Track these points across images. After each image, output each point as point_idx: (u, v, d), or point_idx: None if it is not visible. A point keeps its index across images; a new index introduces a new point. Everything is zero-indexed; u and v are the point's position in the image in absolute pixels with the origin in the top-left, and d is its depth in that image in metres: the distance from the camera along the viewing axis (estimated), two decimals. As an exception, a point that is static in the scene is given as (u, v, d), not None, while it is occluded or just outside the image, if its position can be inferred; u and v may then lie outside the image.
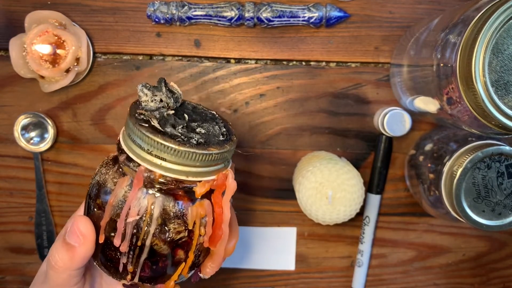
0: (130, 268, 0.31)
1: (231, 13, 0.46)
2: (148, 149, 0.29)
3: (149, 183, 0.30)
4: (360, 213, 0.50)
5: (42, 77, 0.47)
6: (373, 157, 0.51)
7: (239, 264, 0.52)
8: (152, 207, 0.30)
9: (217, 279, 0.53)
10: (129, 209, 0.30)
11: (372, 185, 0.51)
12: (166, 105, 0.31)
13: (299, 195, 0.47)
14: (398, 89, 0.47)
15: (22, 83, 0.49)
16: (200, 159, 0.30)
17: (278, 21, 0.47)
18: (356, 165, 0.50)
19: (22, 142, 0.49)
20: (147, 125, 0.29)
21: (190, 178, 0.30)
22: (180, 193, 0.31)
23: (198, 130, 0.31)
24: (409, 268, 0.54)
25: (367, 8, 0.48)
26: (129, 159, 0.30)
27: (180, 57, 0.49)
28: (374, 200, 0.51)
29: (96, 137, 0.50)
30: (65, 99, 0.50)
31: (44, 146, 0.49)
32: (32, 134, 0.50)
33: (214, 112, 0.34)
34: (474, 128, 0.35)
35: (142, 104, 0.30)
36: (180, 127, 0.30)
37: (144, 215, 0.30)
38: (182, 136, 0.30)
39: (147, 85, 0.31)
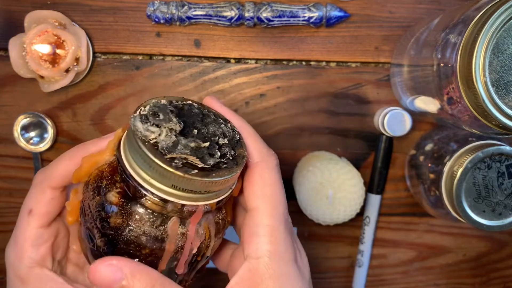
0: (187, 278, 0.32)
1: (231, 13, 0.46)
2: (206, 191, 0.28)
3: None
4: (360, 213, 0.50)
5: (42, 77, 0.46)
6: (373, 157, 0.50)
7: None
8: (210, 228, 0.30)
9: (216, 279, 0.53)
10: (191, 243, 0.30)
11: (373, 185, 0.51)
12: (175, 131, 0.28)
13: (299, 195, 0.47)
14: (398, 89, 0.47)
15: (21, 83, 0.49)
16: (233, 175, 0.29)
17: (278, 21, 0.47)
18: (356, 165, 0.50)
19: (22, 142, 0.49)
20: (195, 171, 0.27)
21: (230, 191, 0.30)
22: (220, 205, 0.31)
23: (221, 145, 0.30)
24: (410, 269, 0.54)
25: (367, 8, 0.48)
26: (164, 200, 0.28)
27: (180, 57, 0.49)
28: (374, 200, 0.51)
29: (96, 137, 0.50)
30: (65, 99, 0.50)
31: (43, 146, 0.49)
32: (32, 134, 0.50)
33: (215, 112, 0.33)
34: (475, 128, 0.35)
35: (150, 141, 0.27)
36: (215, 155, 0.28)
37: (205, 239, 0.30)
38: (223, 163, 0.29)
39: (148, 117, 0.28)
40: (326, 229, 0.52)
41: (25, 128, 0.49)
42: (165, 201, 0.28)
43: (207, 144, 0.28)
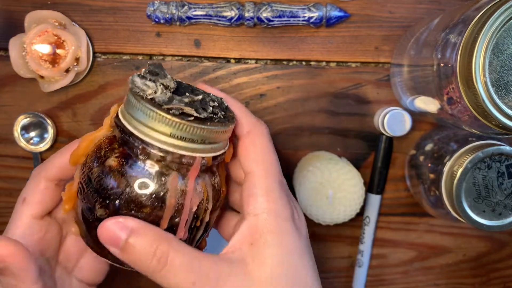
0: None
1: (231, 13, 0.46)
2: (202, 140, 0.30)
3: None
4: (360, 213, 0.50)
5: (42, 77, 0.47)
6: (373, 157, 0.50)
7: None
8: (207, 189, 0.32)
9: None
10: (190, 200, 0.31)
11: (372, 185, 0.51)
12: (170, 89, 0.30)
13: (299, 195, 0.47)
14: (398, 89, 0.47)
15: (21, 83, 0.49)
16: (227, 129, 0.31)
17: (278, 21, 0.47)
18: (356, 165, 0.50)
19: (22, 142, 0.49)
20: (191, 118, 0.29)
21: (223, 150, 0.32)
22: (214, 167, 0.32)
23: (212, 106, 0.31)
24: (410, 269, 0.54)
25: (367, 8, 0.48)
26: (162, 152, 0.30)
27: (180, 57, 0.49)
28: (374, 200, 0.51)
29: (96, 137, 0.50)
30: (65, 99, 0.50)
31: (44, 146, 0.49)
32: (32, 134, 0.50)
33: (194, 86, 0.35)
34: (475, 128, 0.35)
35: (147, 96, 0.29)
36: (208, 109, 0.30)
37: (202, 199, 0.31)
38: (215, 118, 0.30)
39: (144, 75, 0.30)
40: (326, 229, 0.52)
41: (25, 128, 0.49)
42: (165, 152, 0.29)
43: (200, 97, 0.30)
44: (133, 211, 0.30)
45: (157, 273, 0.28)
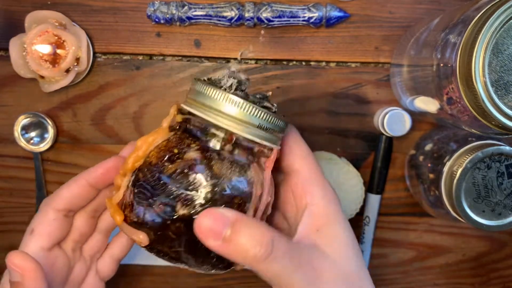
0: None
1: (231, 13, 0.46)
2: (280, 131, 0.32)
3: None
4: (360, 213, 0.50)
5: (42, 77, 0.47)
6: (373, 157, 0.51)
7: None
8: (272, 180, 0.33)
9: (216, 278, 0.53)
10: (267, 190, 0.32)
11: (372, 185, 0.51)
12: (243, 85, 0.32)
13: (299, 195, 0.47)
14: (398, 89, 0.47)
15: (22, 83, 0.49)
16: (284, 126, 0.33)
17: (278, 21, 0.47)
18: (356, 165, 0.50)
19: (22, 142, 0.49)
20: (272, 110, 0.32)
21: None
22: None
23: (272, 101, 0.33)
24: (409, 268, 0.54)
25: (367, 8, 0.48)
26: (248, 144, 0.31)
27: (180, 57, 0.49)
28: (374, 200, 0.51)
29: (96, 137, 0.50)
30: (65, 99, 0.50)
31: (44, 146, 0.49)
32: (32, 134, 0.50)
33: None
34: (474, 128, 0.35)
35: (232, 90, 0.31)
36: (273, 103, 0.33)
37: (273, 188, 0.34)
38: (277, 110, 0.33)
39: (224, 80, 0.32)
40: (326, 229, 0.52)
41: (26, 128, 0.49)
42: (253, 143, 0.31)
43: (270, 93, 0.33)
44: (222, 203, 0.30)
45: (261, 262, 0.29)
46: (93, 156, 0.50)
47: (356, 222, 0.51)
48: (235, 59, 0.49)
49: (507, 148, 0.39)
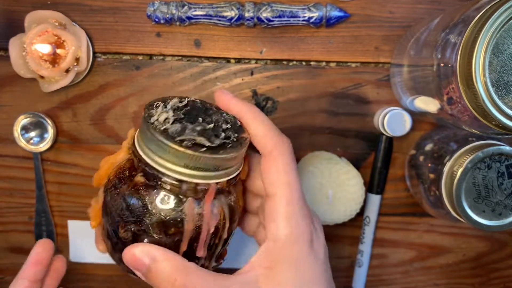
0: (207, 264, 0.35)
1: (231, 13, 0.46)
2: (216, 168, 0.31)
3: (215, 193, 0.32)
4: (360, 213, 0.50)
5: (42, 77, 0.47)
6: (373, 157, 0.50)
7: (238, 264, 0.52)
8: (224, 209, 0.33)
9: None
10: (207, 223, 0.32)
11: (372, 185, 0.51)
12: (181, 119, 0.31)
13: (299, 195, 0.47)
14: (398, 89, 0.47)
15: (22, 83, 0.49)
16: (239, 153, 0.32)
17: (278, 21, 0.47)
18: (356, 165, 0.50)
19: (22, 142, 0.49)
20: (204, 148, 0.30)
21: (237, 172, 0.33)
22: (230, 187, 0.33)
23: (225, 129, 0.32)
24: (409, 268, 0.54)
25: (367, 8, 0.48)
26: (177, 183, 0.31)
27: (180, 57, 0.49)
28: (374, 200, 0.51)
29: (96, 137, 0.50)
30: (65, 99, 0.50)
31: (44, 146, 0.49)
32: (32, 134, 0.50)
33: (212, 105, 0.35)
34: (475, 128, 0.35)
35: (160, 128, 0.30)
36: (220, 136, 0.31)
37: (219, 219, 0.33)
38: (227, 143, 0.31)
39: (157, 110, 0.32)
40: (326, 229, 0.52)
41: (25, 128, 0.49)
42: (180, 181, 0.30)
43: (211, 125, 0.31)
44: (153, 235, 0.31)
45: None
46: (93, 156, 0.50)
47: (356, 222, 0.51)
48: (235, 59, 0.49)
49: (507, 148, 0.39)
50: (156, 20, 0.47)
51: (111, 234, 0.33)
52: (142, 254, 0.31)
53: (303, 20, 0.47)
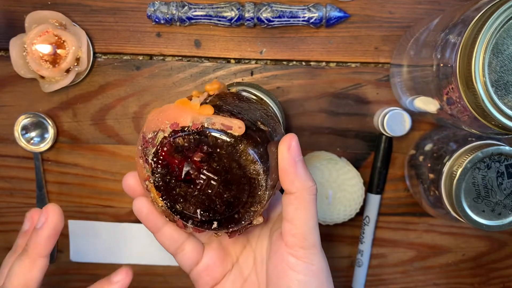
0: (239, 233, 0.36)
1: (231, 13, 0.46)
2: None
3: None
4: (360, 213, 0.50)
5: (42, 77, 0.47)
6: (373, 157, 0.51)
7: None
8: None
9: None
10: None
11: (372, 185, 0.51)
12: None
13: (299, 195, 0.47)
14: (398, 89, 0.47)
15: (22, 83, 0.49)
16: None
17: (278, 21, 0.47)
18: (356, 165, 0.50)
19: (22, 142, 0.49)
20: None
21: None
22: None
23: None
24: (409, 268, 0.54)
25: (367, 8, 0.48)
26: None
27: (180, 57, 0.49)
28: (374, 200, 0.51)
29: (96, 137, 0.50)
30: (65, 99, 0.50)
31: (44, 146, 0.49)
32: (32, 134, 0.50)
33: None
34: (474, 128, 0.35)
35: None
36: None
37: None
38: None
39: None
40: (326, 228, 0.52)
41: (26, 128, 0.49)
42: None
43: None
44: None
45: None
46: (93, 156, 0.51)
47: (356, 222, 0.51)
48: (235, 59, 0.49)
49: (507, 148, 0.40)
50: (156, 20, 0.47)
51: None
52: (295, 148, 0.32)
53: (303, 21, 0.47)
